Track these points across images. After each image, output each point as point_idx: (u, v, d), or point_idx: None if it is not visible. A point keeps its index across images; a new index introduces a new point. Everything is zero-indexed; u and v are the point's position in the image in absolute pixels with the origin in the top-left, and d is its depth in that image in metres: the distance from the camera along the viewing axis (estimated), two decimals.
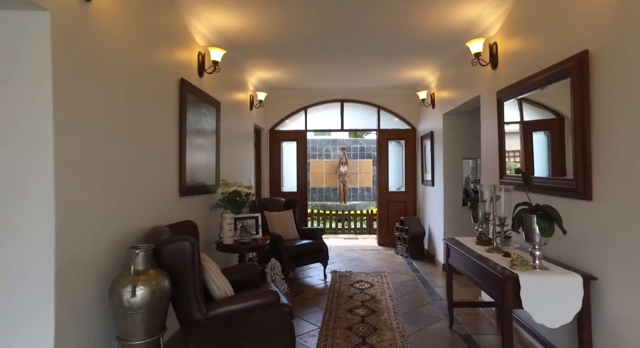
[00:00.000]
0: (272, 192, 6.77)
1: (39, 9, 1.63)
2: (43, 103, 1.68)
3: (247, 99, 5.40)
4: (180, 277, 2.06)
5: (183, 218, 3.01)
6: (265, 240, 3.64)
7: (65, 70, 1.76)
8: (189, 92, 3.17)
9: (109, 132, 2.10)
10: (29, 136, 1.68)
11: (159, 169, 2.72)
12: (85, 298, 1.90)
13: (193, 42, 3.38)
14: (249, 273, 2.89)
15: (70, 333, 1.78)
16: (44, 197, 1.68)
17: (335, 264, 5.42)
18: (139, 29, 2.44)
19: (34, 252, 1.67)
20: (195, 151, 3.33)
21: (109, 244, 2.10)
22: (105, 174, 2.06)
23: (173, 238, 2.09)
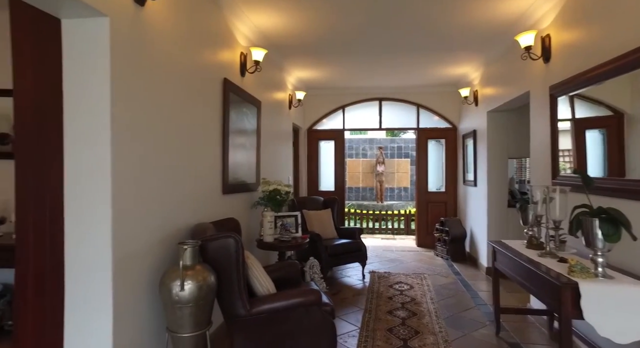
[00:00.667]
0: (310, 191, 6.81)
1: (100, 15, 1.71)
2: (102, 105, 1.77)
3: (286, 99, 5.45)
4: (225, 273, 2.10)
5: (226, 216, 3.09)
6: (304, 239, 3.65)
7: (121, 72, 1.84)
8: (231, 92, 3.24)
9: (158, 132, 2.18)
10: (92, 137, 1.78)
11: (203, 167, 2.79)
12: (139, 289, 1.98)
13: (235, 42, 3.46)
14: (290, 271, 2.91)
15: (126, 319, 1.87)
16: (103, 195, 1.77)
17: (374, 264, 5.35)
18: (187, 32, 2.52)
19: (96, 245, 1.77)
20: (237, 150, 3.40)
21: (159, 239, 2.18)
22: (155, 172, 2.14)
23: (218, 235, 2.14)
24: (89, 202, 1.78)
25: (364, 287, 4.34)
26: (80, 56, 1.78)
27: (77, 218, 1.80)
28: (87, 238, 1.78)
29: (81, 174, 1.79)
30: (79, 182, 1.80)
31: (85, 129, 1.79)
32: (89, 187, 1.78)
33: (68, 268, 1.81)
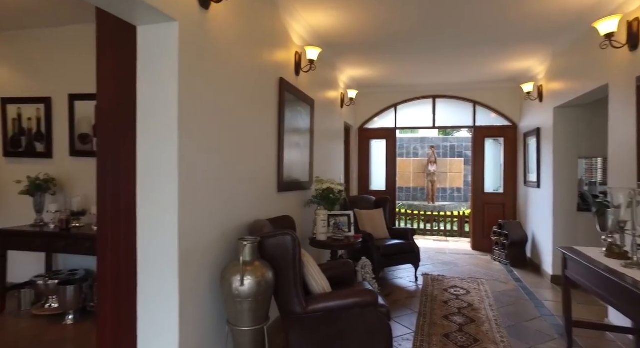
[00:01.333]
0: (361, 190, 6.75)
1: (171, 20, 1.80)
2: (171, 106, 1.86)
3: (338, 97, 5.44)
4: (282, 270, 2.13)
5: (280, 213, 3.13)
6: (357, 239, 3.61)
7: (187, 74, 1.92)
8: (287, 91, 3.29)
9: (218, 131, 2.25)
10: (161, 136, 1.87)
11: (260, 165, 2.85)
12: (201, 281, 2.06)
13: (290, 42, 3.49)
14: (343, 270, 2.89)
15: (190, 310, 1.95)
16: (170, 191, 1.86)
17: (426, 267, 5.19)
18: (246, 32, 2.58)
19: (165, 239, 1.86)
20: (291, 149, 3.44)
21: (219, 235, 2.25)
22: (215, 170, 2.22)
23: (276, 232, 2.17)
24: (158, 197, 1.88)
25: (417, 289, 4.21)
26: (152, 60, 1.88)
27: (148, 213, 1.90)
28: (156, 231, 1.88)
29: (151, 171, 1.90)
30: (149, 179, 1.90)
31: (155, 129, 1.88)
32: (158, 184, 1.88)
33: (140, 258, 1.92)
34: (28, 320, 3.33)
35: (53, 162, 3.98)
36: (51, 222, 3.61)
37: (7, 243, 3.52)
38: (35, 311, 3.43)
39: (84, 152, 3.85)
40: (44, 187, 3.72)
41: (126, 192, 1.97)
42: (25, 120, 4.06)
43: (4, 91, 4.11)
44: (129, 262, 1.97)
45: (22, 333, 3.07)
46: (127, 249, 1.98)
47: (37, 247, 3.46)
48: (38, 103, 3.99)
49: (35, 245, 3.45)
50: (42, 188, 3.72)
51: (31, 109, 4.02)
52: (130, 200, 1.95)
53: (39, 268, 3.88)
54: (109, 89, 2.01)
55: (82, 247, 3.28)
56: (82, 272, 3.69)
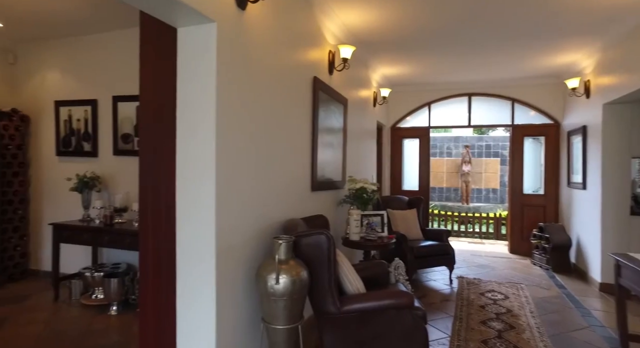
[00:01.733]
0: (393, 190, 6.65)
1: (209, 21, 1.84)
2: (209, 106, 1.90)
3: (370, 96, 5.38)
4: (316, 269, 2.12)
5: (314, 212, 3.14)
6: (390, 239, 3.56)
7: (224, 74, 1.95)
8: (320, 90, 3.28)
9: (254, 130, 2.28)
10: (199, 136, 1.91)
11: (294, 164, 2.87)
12: (237, 278, 2.09)
13: (324, 40, 3.49)
14: (377, 271, 2.85)
15: (227, 306, 1.98)
16: (208, 189, 1.89)
17: (461, 269, 5.03)
18: (280, 32, 2.60)
19: (202, 236, 1.91)
20: (324, 148, 3.44)
21: (254, 232, 2.28)
22: (250, 168, 2.24)
23: (311, 232, 2.17)
24: (196, 195, 1.92)
25: (451, 292, 4.10)
26: (191, 61, 1.92)
27: (186, 210, 1.95)
28: (195, 228, 1.93)
29: (189, 170, 1.94)
30: (188, 177, 1.95)
31: (194, 129, 1.93)
32: (196, 182, 1.92)
33: (178, 254, 1.98)
34: (78, 309, 3.52)
35: (98, 161, 4.19)
36: (96, 218, 3.80)
37: (59, 237, 3.75)
38: (83, 300, 3.63)
39: (126, 151, 4.03)
40: (90, 184, 3.93)
41: (166, 189, 2.03)
42: (75, 122, 4.30)
43: (57, 94, 4.38)
44: (169, 258, 2.03)
45: (73, 321, 3.25)
46: (167, 245, 2.04)
47: (84, 241, 3.66)
48: (86, 105, 4.21)
49: (83, 239, 3.65)
50: (89, 186, 3.93)
51: (80, 111, 4.26)
52: (170, 197, 2.01)
53: (86, 261, 4.11)
54: (151, 90, 2.08)
55: (123, 242, 3.44)
56: (124, 265, 3.86)
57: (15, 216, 4.44)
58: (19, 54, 4.58)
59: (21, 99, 4.57)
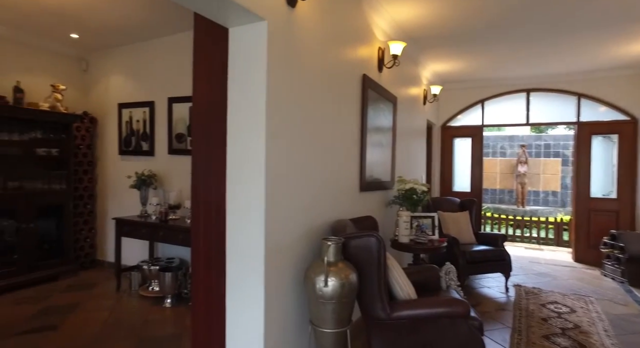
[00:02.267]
0: (443, 191, 6.40)
1: (260, 20, 1.84)
2: (258, 105, 1.90)
3: (420, 94, 5.20)
4: (366, 272, 2.06)
5: (362, 213, 3.07)
6: (442, 242, 3.40)
7: (274, 72, 1.94)
8: (370, 88, 3.20)
9: (302, 130, 2.25)
10: (249, 136, 1.93)
11: (343, 164, 2.82)
12: (285, 278, 2.08)
13: (373, 37, 3.40)
14: (427, 276, 2.73)
15: (275, 305, 1.98)
16: (257, 188, 1.90)
17: (518, 277, 4.71)
18: (330, 29, 2.56)
19: (251, 236, 1.92)
20: (373, 147, 3.35)
21: (302, 233, 2.26)
22: (298, 168, 2.22)
23: (361, 234, 2.11)
24: (245, 194, 1.94)
25: (507, 301, 3.83)
26: (242, 61, 1.94)
27: (236, 209, 1.97)
28: (244, 227, 1.94)
29: (239, 169, 1.96)
30: (237, 176, 1.97)
31: (243, 128, 1.94)
32: (245, 181, 1.93)
33: (228, 252, 2.01)
34: (137, 299, 3.74)
35: (155, 159, 4.42)
36: (153, 214, 4.00)
37: (121, 231, 4.00)
38: (141, 291, 3.84)
39: (180, 150, 4.21)
40: (147, 182, 4.15)
41: (217, 188, 2.07)
42: (135, 122, 4.57)
43: (120, 97, 4.68)
44: (219, 255, 2.07)
45: (132, 311, 3.46)
46: (217, 243, 2.08)
47: (142, 236, 3.87)
48: (144, 107, 4.46)
49: (141, 233, 3.86)
50: (146, 183, 4.15)
51: (139, 112, 4.52)
52: (220, 196, 2.04)
53: (144, 254, 4.35)
54: (203, 90, 2.13)
55: (177, 238, 3.58)
56: (177, 260, 4.03)
57: (85, 210, 4.82)
58: (91, 61, 4.95)
59: (91, 102, 4.95)
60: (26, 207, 4.12)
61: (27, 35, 4.32)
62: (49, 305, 3.59)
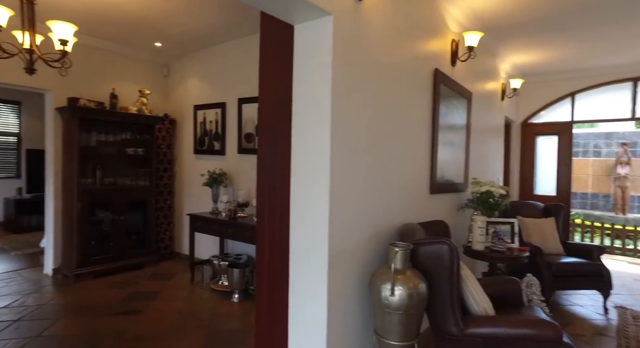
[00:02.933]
0: (522, 195, 5.82)
1: (326, 14, 1.77)
2: (323, 102, 1.84)
3: (498, 89, 4.77)
4: (436, 282, 1.89)
5: (432, 217, 2.87)
6: (523, 252, 3.05)
7: (339, 68, 1.86)
8: (442, 84, 2.99)
9: (368, 128, 2.15)
10: (313, 134, 1.87)
11: (411, 164, 2.65)
12: (349, 284, 2.00)
13: (446, 29, 3.17)
14: (507, 289, 2.45)
15: (337, 311, 1.91)
16: (322, 189, 1.84)
17: (621, 297, 4.08)
18: (399, 22, 2.41)
19: (315, 237, 1.86)
20: (445, 147, 3.13)
21: (368, 237, 2.16)
22: (364, 169, 2.12)
23: (431, 240, 1.94)
24: (309, 195, 1.89)
25: (607, 324, 3.33)
26: (306, 58, 1.89)
27: (300, 210, 1.93)
28: (307, 229, 1.89)
29: (304, 169, 1.92)
30: (302, 176, 1.92)
31: (308, 127, 1.89)
32: (310, 182, 1.88)
33: (292, 253, 1.98)
34: (208, 292, 3.93)
35: (225, 159, 4.61)
36: (223, 211, 4.18)
37: (194, 226, 4.24)
38: (212, 285, 4.03)
39: (249, 150, 4.34)
40: (218, 180, 4.34)
41: (281, 188, 2.05)
42: (208, 123, 4.82)
43: (196, 99, 4.98)
44: (283, 255, 2.05)
45: (204, 303, 3.64)
46: (281, 243, 2.07)
47: (213, 231, 4.06)
48: (216, 108, 4.68)
49: (212, 229, 4.05)
50: (217, 181, 4.34)
51: (212, 113, 4.75)
52: (285, 196, 2.02)
53: (215, 250, 4.57)
54: (269, 89, 2.12)
55: (244, 235, 3.69)
56: (245, 257, 4.16)
57: (165, 205, 5.21)
58: (171, 67, 5.35)
59: (170, 105, 5.34)
60: (118, 200, 4.57)
61: (120, 47, 4.78)
62: (135, 291, 3.93)
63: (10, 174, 7.59)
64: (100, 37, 4.48)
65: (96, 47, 4.60)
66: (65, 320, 3.23)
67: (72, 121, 4.19)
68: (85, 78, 4.52)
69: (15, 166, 7.66)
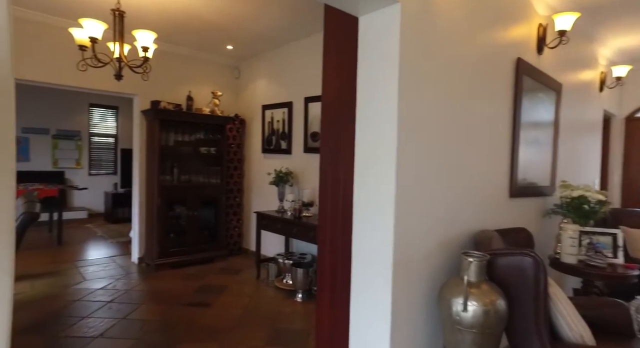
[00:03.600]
0: (626, 202, 5.04)
1: (393, 3, 1.64)
2: (390, 97, 1.71)
3: (595, 78, 4.17)
4: (518, 300, 1.65)
5: (511, 223, 2.57)
6: (630, 269, 2.59)
7: (407, 60, 1.71)
8: (525, 74, 2.65)
9: (438, 125, 1.96)
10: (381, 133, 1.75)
11: (488, 165, 2.39)
12: (415, 294, 1.84)
13: (532, 12, 2.81)
14: (610, 314, 2.08)
15: (402, 323, 1.77)
16: (387, 192, 1.71)
17: None
18: (475, 7, 2.17)
19: (379, 242, 1.75)
20: (528, 146, 2.78)
21: (437, 244, 1.97)
22: (435, 170, 1.94)
23: (512, 250, 1.71)
24: (373, 197, 1.77)
25: None
26: (372, 50, 1.77)
27: (363, 212, 1.82)
28: (371, 233, 1.78)
29: (368, 169, 1.80)
30: (366, 177, 1.81)
31: (373, 125, 1.77)
32: (374, 183, 1.77)
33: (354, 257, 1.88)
34: (272, 290, 4.00)
35: (291, 158, 4.65)
36: (288, 210, 4.21)
37: (260, 224, 4.34)
38: (277, 283, 4.09)
39: (314, 149, 4.32)
40: (284, 179, 4.39)
41: (345, 188, 1.96)
42: (275, 122, 4.91)
43: (264, 99, 5.11)
44: (345, 259, 1.96)
45: (268, 301, 3.70)
46: (343, 245, 1.98)
47: (278, 230, 4.11)
48: (283, 107, 4.75)
49: (277, 228, 4.11)
50: (283, 180, 4.39)
51: (279, 113, 4.83)
52: (348, 197, 1.93)
53: (280, 248, 4.64)
54: (332, 86, 2.04)
55: (308, 235, 3.67)
56: (309, 256, 4.15)
57: (234, 203, 5.43)
58: (242, 69, 5.56)
59: (240, 105, 5.55)
60: (193, 197, 4.86)
61: (196, 52, 5.09)
62: (205, 284, 4.14)
63: (109, 171, 8.64)
64: (178, 43, 4.80)
65: (175, 53, 4.93)
66: (145, 305, 3.50)
67: (154, 122, 4.55)
68: (165, 82, 4.87)
69: (113, 164, 8.68)
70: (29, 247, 5.52)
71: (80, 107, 8.09)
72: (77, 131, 8.10)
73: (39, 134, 7.64)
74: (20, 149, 7.41)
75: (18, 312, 3.27)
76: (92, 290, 3.87)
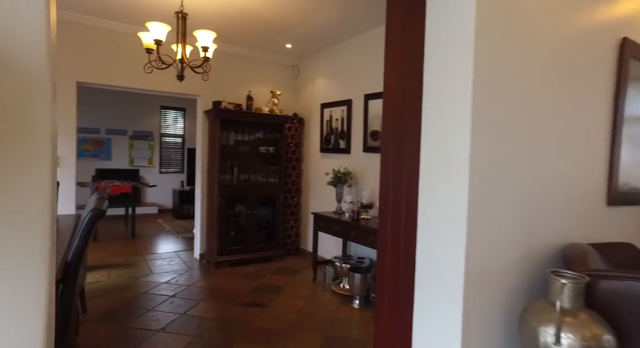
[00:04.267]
0: None
1: None
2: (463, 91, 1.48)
3: None
4: (631, 336, 1.33)
5: (610, 237, 2.16)
6: None
7: (484, 49, 1.47)
8: (632, 58, 2.22)
9: (522, 122, 1.67)
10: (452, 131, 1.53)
11: (578, 167, 2.03)
12: (490, 315, 1.59)
13: None
14: None
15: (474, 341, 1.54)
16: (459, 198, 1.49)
17: None
18: None
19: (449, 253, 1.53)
20: (632, 144, 2.33)
21: (515, 258, 1.69)
22: (514, 174, 1.66)
23: (621, 274, 1.39)
24: (442, 203, 1.55)
25: None
26: (442, 38, 1.55)
27: (430, 219, 1.61)
28: (439, 242, 1.57)
29: (436, 171, 1.59)
30: (433, 180, 1.60)
31: (443, 122, 1.56)
32: (443, 187, 1.55)
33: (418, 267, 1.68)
34: (329, 294, 3.88)
35: (350, 157, 4.49)
36: (346, 211, 4.06)
37: (317, 225, 4.25)
38: (333, 286, 3.96)
39: (374, 148, 4.12)
40: (343, 179, 4.24)
41: (408, 191, 1.77)
42: (334, 121, 4.78)
43: (322, 98, 5.01)
44: (407, 267, 1.76)
45: (324, 305, 3.59)
46: (405, 252, 1.78)
47: (335, 232, 3.98)
48: (342, 105, 4.60)
49: (334, 230, 3.97)
50: (342, 181, 4.25)
51: (338, 111, 4.70)
52: (412, 201, 1.73)
53: (337, 250, 4.50)
54: (394, 80, 1.86)
55: (367, 239, 3.48)
56: (368, 261, 3.96)
57: (292, 202, 5.41)
58: (300, 67, 5.53)
59: (299, 104, 5.52)
60: (251, 196, 4.91)
61: (255, 51, 5.14)
62: (262, 283, 4.14)
63: (177, 169, 9.20)
64: (238, 44, 4.87)
65: (235, 53, 5.02)
66: (204, 302, 3.57)
67: (215, 122, 4.66)
68: (227, 83, 4.98)
69: (180, 163, 9.22)
70: (108, 238, 6.02)
71: (153, 109, 8.70)
72: (150, 132, 8.72)
73: (119, 135, 8.34)
74: (104, 149, 8.16)
75: (96, 299, 3.52)
76: (158, 283, 4.05)
